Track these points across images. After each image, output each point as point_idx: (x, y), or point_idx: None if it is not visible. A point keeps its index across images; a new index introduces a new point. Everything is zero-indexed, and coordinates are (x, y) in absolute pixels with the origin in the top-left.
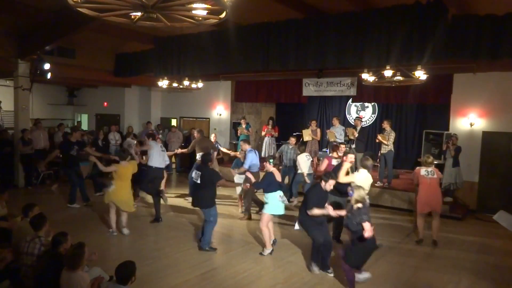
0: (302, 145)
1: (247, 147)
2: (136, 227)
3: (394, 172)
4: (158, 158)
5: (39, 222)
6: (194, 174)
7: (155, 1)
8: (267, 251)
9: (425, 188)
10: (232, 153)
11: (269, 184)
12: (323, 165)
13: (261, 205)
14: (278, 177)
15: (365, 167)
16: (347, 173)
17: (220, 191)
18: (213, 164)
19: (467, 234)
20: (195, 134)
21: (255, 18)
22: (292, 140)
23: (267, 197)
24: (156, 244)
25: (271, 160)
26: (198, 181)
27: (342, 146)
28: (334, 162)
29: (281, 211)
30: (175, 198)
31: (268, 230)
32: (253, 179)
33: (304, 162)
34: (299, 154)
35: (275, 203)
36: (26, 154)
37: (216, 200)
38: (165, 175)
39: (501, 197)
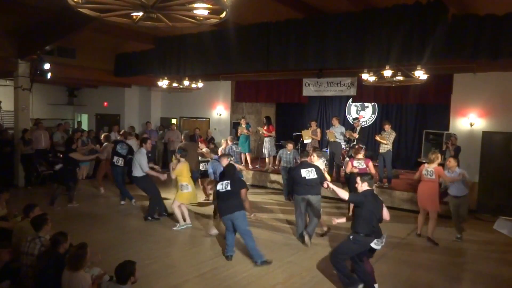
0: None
1: (212, 156)
2: (136, 227)
3: (394, 172)
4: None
5: (39, 222)
6: (220, 185)
7: (155, 1)
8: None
9: (421, 187)
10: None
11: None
12: (348, 167)
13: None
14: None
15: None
16: None
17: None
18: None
19: (467, 234)
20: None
21: (255, 18)
22: (290, 146)
23: None
24: (156, 244)
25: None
26: (228, 188)
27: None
28: (356, 163)
29: None
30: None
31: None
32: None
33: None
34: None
35: None
36: (26, 154)
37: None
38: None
39: (501, 197)
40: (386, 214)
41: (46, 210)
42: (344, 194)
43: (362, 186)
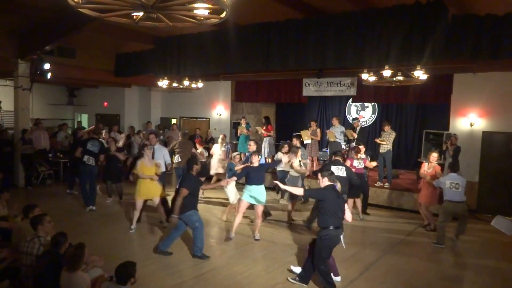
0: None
1: (254, 148)
2: (136, 228)
3: (394, 172)
4: None
5: (34, 221)
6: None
7: (155, 1)
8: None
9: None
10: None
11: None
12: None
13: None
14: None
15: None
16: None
17: (217, 193)
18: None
19: (467, 234)
20: (179, 135)
21: (255, 18)
22: (295, 141)
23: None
24: (156, 244)
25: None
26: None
27: (362, 147)
28: (355, 163)
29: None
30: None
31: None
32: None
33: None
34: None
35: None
36: (26, 154)
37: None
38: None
39: (501, 197)
40: (348, 215)
41: (47, 210)
42: (298, 190)
43: (323, 181)
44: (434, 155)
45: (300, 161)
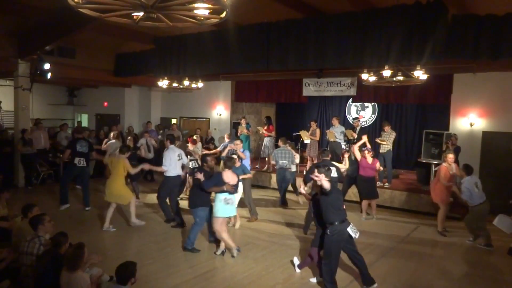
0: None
1: (240, 147)
2: (137, 227)
3: (394, 172)
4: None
5: (35, 221)
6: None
7: (155, 1)
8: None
9: None
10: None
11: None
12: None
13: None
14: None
15: None
16: None
17: None
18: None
19: (467, 235)
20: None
21: (255, 18)
22: (280, 143)
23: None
24: (156, 244)
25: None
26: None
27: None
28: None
29: (230, 213)
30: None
31: (227, 234)
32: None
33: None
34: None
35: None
36: (26, 154)
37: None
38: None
39: (501, 197)
40: None
41: (47, 210)
42: (326, 183)
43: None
44: (450, 156)
45: None
